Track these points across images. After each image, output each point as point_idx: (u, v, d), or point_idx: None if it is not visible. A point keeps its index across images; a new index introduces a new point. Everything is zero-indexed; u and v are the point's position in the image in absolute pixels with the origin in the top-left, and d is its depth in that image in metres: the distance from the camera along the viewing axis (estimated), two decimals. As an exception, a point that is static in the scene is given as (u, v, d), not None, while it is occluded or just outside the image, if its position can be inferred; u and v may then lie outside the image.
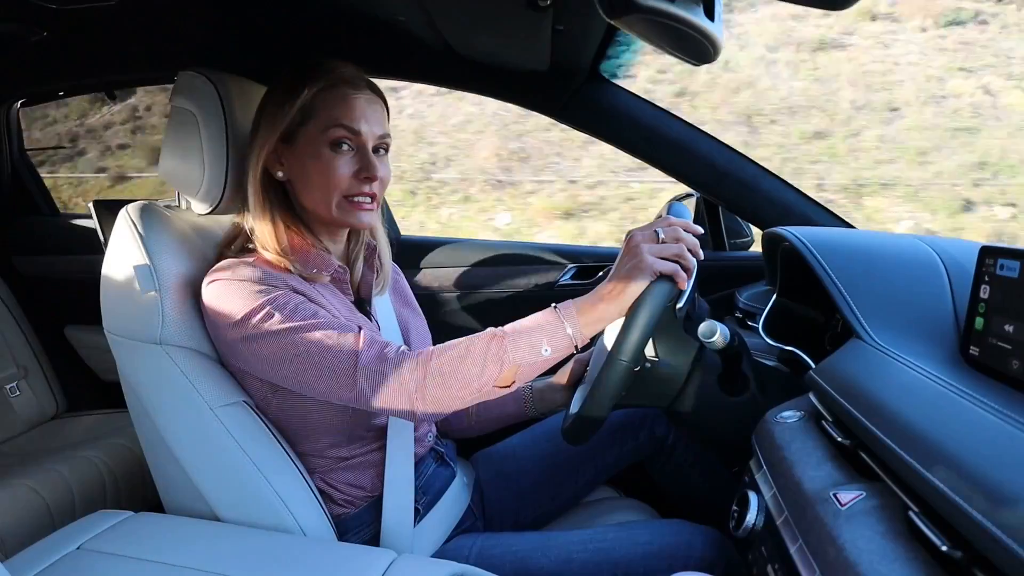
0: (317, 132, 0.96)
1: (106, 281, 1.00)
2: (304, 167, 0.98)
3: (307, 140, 0.97)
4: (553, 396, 1.21)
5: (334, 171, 0.96)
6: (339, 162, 0.97)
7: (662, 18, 0.53)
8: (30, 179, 2.11)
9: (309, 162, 0.97)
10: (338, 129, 0.96)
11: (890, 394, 0.71)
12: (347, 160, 0.97)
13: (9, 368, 1.83)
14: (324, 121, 0.96)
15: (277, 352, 0.90)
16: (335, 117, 0.96)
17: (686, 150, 1.43)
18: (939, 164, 5.07)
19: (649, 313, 0.87)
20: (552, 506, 1.25)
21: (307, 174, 0.98)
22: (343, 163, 0.97)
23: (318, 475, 1.04)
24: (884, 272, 0.96)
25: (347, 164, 0.97)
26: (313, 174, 0.97)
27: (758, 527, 0.78)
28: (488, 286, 1.77)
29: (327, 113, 0.96)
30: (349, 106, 0.96)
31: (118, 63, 1.52)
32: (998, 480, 0.50)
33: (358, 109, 0.97)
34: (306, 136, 0.97)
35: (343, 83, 0.97)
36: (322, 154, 0.96)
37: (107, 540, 0.91)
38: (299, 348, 0.89)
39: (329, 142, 0.96)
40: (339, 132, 0.96)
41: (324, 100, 0.96)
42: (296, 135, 0.97)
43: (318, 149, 0.96)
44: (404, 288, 1.27)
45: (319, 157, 0.96)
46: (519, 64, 1.34)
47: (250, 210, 1.00)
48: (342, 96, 0.97)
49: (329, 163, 0.96)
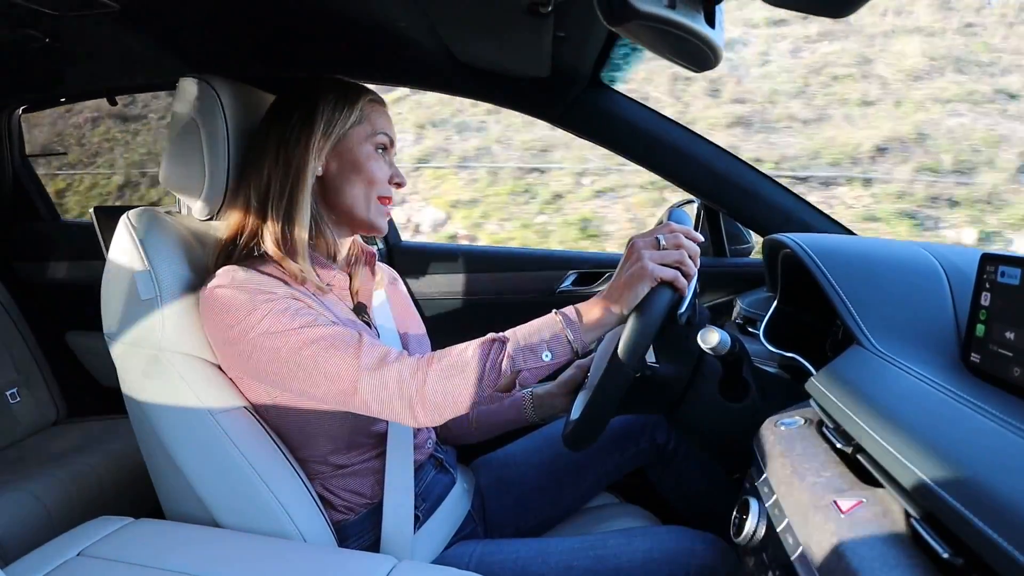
0: (366, 135, 1.05)
1: (106, 287, 1.00)
2: (352, 163, 1.04)
3: (355, 139, 1.04)
4: (554, 402, 1.21)
5: (377, 170, 1.05)
6: (381, 163, 1.06)
7: (663, 25, 0.53)
8: (31, 185, 2.12)
9: (358, 160, 1.04)
10: (383, 136, 1.07)
11: (891, 401, 0.71)
12: (384, 164, 1.07)
13: (9, 374, 1.83)
14: (372, 127, 1.06)
15: (276, 358, 0.90)
16: (382, 125, 1.07)
17: (686, 156, 1.44)
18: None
19: (650, 320, 0.87)
20: (553, 512, 1.25)
21: (354, 170, 1.04)
22: (383, 166, 1.06)
23: (318, 481, 1.03)
24: (885, 279, 0.95)
25: (384, 168, 1.07)
26: (360, 171, 1.04)
27: (759, 534, 0.78)
28: (488, 292, 1.77)
29: (376, 121, 1.06)
30: (388, 119, 1.09)
31: (120, 69, 1.53)
32: (999, 487, 0.50)
33: (391, 125, 1.10)
34: (354, 136, 1.04)
35: (379, 102, 1.10)
36: (370, 154, 1.05)
37: (107, 546, 0.90)
38: (299, 354, 0.89)
39: (375, 145, 1.06)
40: (383, 139, 1.07)
41: (374, 110, 1.07)
42: (346, 136, 1.04)
43: (365, 149, 1.04)
44: (403, 294, 1.27)
45: (369, 156, 1.05)
46: (520, 70, 1.35)
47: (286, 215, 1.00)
48: (382, 110, 1.09)
49: (375, 163, 1.05)
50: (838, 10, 0.57)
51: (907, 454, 0.60)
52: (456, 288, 1.79)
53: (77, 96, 1.99)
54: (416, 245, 1.87)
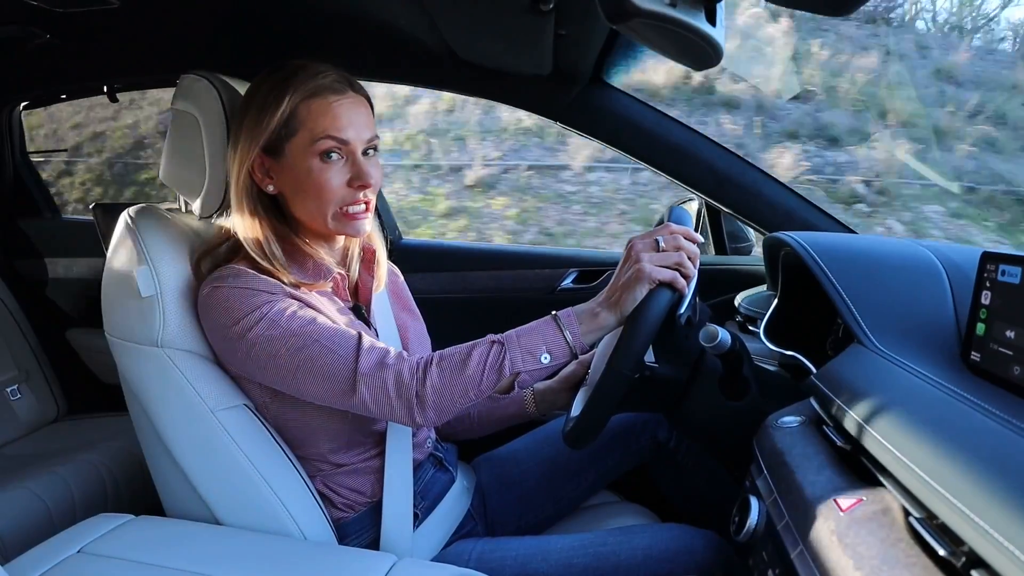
0: (305, 144, 0.93)
1: (107, 284, 1.00)
2: (295, 181, 0.95)
3: (295, 153, 0.94)
4: (555, 397, 1.22)
5: (326, 183, 0.94)
6: (330, 173, 0.94)
7: (663, 23, 0.53)
8: (32, 181, 2.12)
9: (300, 176, 0.94)
10: (326, 140, 0.92)
11: (891, 399, 0.70)
12: (338, 170, 0.95)
13: (10, 371, 1.83)
14: (311, 133, 0.92)
15: (274, 358, 0.90)
16: (322, 128, 0.92)
17: (688, 154, 1.43)
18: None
19: (648, 322, 0.87)
20: (553, 510, 1.25)
21: (299, 188, 0.95)
22: (334, 173, 0.94)
23: (319, 479, 1.04)
24: (886, 277, 0.95)
25: (339, 174, 0.95)
26: (305, 187, 0.94)
27: (759, 532, 0.78)
28: (488, 290, 1.77)
29: (313, 124, 0.92)
30: (335, 114, 0.93)
31: (120, 66, 1.53)
32: (999, 486, 0.50)
33: (344, 116, 0.93)
34: (293, 148, 0.94)
35: (325, 90, 0.93)
36: (312, 167, 0.93)
37: (108, 543, 0.90)
38: (297, 355, 0.89)
39: (318, 153, 0.93)
40: (327, 143, 0.93)
41: (309, 110, 0.92)
42: (282, 148, 0.94)
43: (307, 162, 0.93)
44: (404, 291, 1.27)
45: (309, 170, 0.93)
46: (521, 68, 1.35)
47: (237, 221, 0.98)
48: (326, 105, 0.93)
49: (321, 175, 0.93)
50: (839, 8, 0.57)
51: (907, 452, 0.60)
52: (456, 286, 1.79)
53: (78, 93, 1.99)
54: (416, 243, 1.87)
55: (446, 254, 1.82)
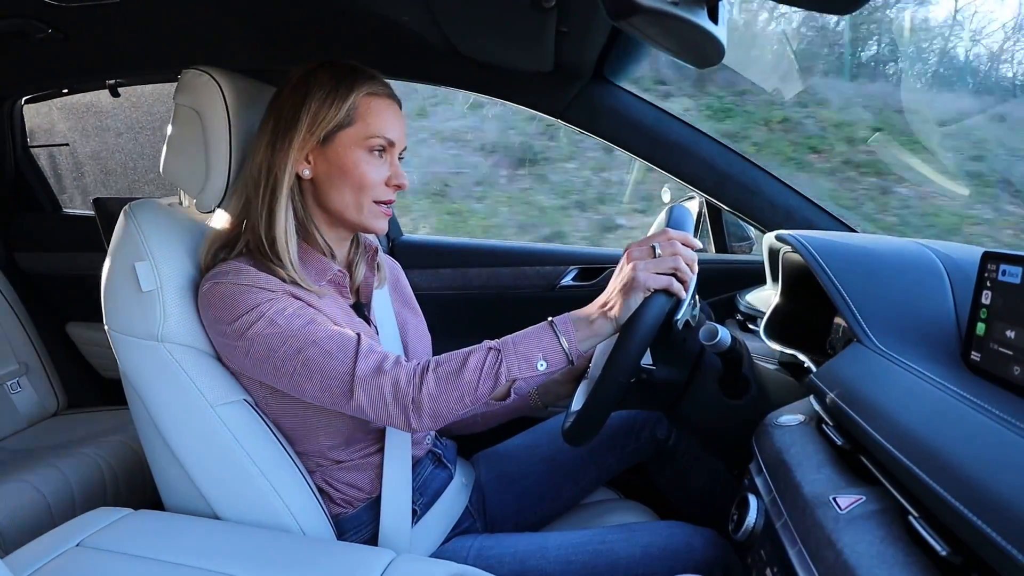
0: (357, 137, 0.97)
1: (107, 278, 1.00)
2: (339, 169, 0.98)
3: (344, 143, 0.97)
4: (558, 389, 1.22)
5: (369, 175, 0.98)
6: (374, 167, 0.99)
7: (665, 20, 0.53)
8: (33, 176, 2.12)
9: (346, 165, 0.98)
10: (378, 138, 0.98)
11: (891, 398, 0.70)
12: (380, 166, 1.00)
13: (10, 364, 1.83)
14: (366, 127, 0.97)
15: (273, 358, 0.90)
16: (378, 125, 0.98)
17: (689, 152, 1.43)
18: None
19: (642, 331, 0.87)
20: (553, 507, 1.25)
21: (340, 175, 0.98)
22: (377, 168, 0.99)
23: (318, 474, 1.04)
24: (886, 276, 0.95)
25: (380, 170, 1.00)
26: (348, 176, 0.98)
27: (757, 530, 0.78)
28: (489, 287, 1.77)
29: (371, 119, 0.98)
30: (389, 115, 0.99)
31: (122, 61, 1.53)
32: (998, 485, 0.50)
33: (394, 120, 1.00)
34: (344, 138, 0.97)
35: (383, 93, 1.00)
36: (360, 159, 0.98)
37: (107, 537, 0.91)
38: (295, 356, 0.89)
39: (368, 148, 0.98)
40: (379, 141, 0.98)
41: (368, 107, 0.98)
42: (333, 136, 0.97)
43: (356, 153, 0.98)
44: (405, 287, 1.26)
45: (357, 161, 0.98)
46: (523, 65, 1.34)
47: (268, 214, 0.97)
48: (384, 104, 0.99)
49: (367, 167, 0.98)
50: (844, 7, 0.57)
51: (906, 452, 0.60)
52: (457, 283, 1.79)
53: (79, 87, 1.99)
54: (417, 240, 1.87)
55: (446, 251, 1.82)
